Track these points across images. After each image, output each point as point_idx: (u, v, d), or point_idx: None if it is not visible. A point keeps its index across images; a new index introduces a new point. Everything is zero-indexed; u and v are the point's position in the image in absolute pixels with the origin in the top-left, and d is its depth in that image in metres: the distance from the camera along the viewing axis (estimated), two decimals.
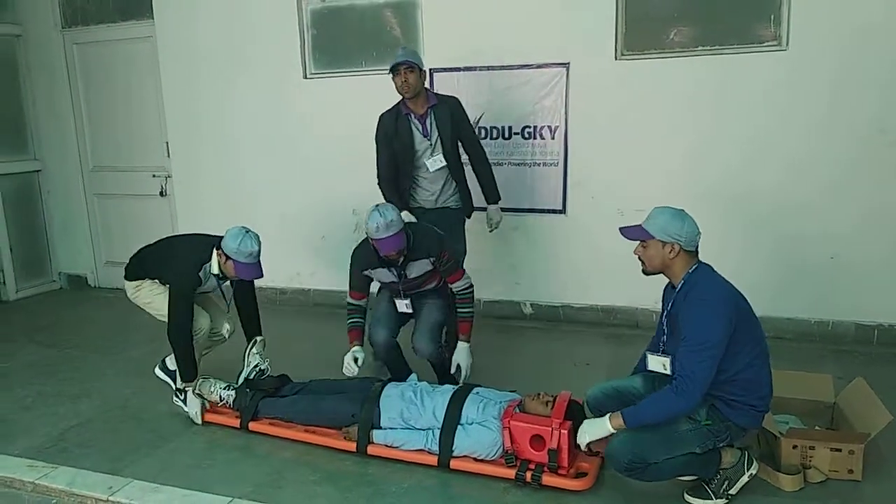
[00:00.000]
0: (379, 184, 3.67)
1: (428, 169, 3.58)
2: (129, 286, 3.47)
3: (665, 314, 2.53)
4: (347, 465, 2.81)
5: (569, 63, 4.20)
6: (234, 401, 3.20)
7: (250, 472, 2.78)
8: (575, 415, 2.70)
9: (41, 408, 3.47)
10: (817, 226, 3.90)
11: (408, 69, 3.43)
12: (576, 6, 4.12)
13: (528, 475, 2.58)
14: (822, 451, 2.55)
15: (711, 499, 2.46)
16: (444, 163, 3.56)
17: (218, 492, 2.63)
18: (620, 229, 2.52)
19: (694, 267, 2.43)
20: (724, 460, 2.48)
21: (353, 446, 2.86)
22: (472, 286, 3.32)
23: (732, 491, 2.46)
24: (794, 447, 2.57)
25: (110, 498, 2.64)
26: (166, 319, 3.19)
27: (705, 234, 4.16)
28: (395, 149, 3.56)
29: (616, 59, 4.12)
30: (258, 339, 3.42)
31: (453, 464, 2.70)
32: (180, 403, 3.30)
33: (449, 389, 2.92)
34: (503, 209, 3.97)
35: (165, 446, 3.03)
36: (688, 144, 4.07)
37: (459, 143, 3.70)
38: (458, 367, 3.31)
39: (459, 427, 2.74)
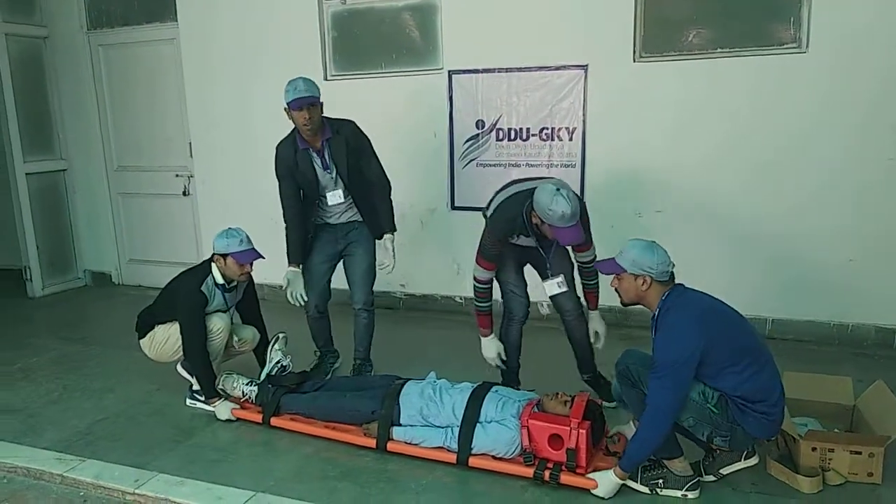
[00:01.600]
0: (286, 226, 3.49)
1: (328, 203, 3.46)
2: (144, 343, 3.47)
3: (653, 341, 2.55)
4: (367, 462, 2.85)
5: (587, 65, 4.22)
6: (256, 396, 3.26)
7: (272, 467, 2.83)
8: (594, 415, 2.72)
9: (67, 402, 3.55)
10: (837, 228, 3.89)
11: (311, 105, 3.23)
12: (595, 9, 4.13)
13: (547, 474, 2.60)
14: (842, 453, 2.55)
15: (637, 482, 2.55)
16: (342, 199, 3.44)
17: (241, 486, 2.68)
18: (595, 264, 2.58)
19: (666, 293, 2.46)
20: (677, 465, 2.51)
21: (373, 443, 2.89)
22: (595, 257, 3.12)
23: (659, 490, 2.52)
24: (814, 449, 2.57)
25: (136, 491, 2.69)
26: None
27: (725, 234, 4.16)
28: (300, 182, 3.42)
29: (634, 61, 4.13)
30: (281, 335, 3.48)
31: (472, 461, 2.73)
32: (199, 405, 3.38)
33: (468, 387, 2.95)
34: None
35: (189, 441, 3.09)
36: (707, 146, 4.07)
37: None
38: (597, 333, 3.26)
39: (478, 425, 2.76)
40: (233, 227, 3.30)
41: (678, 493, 2.50)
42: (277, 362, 3.38)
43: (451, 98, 4.58)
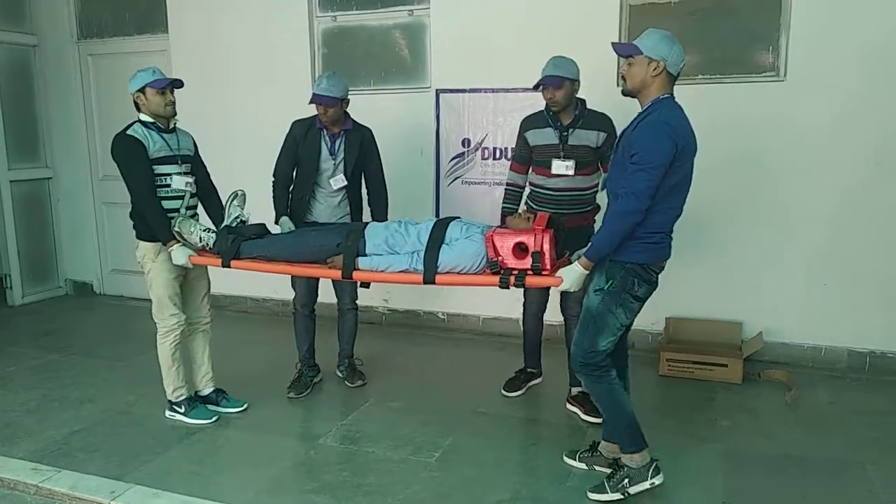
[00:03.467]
0: (273, 182, 3.64)
1: (331, 187, 3.56)
2: (142, 247, 3.36)
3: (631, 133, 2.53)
4: (345, 476, 2.85)
5: None
6: (214, 243, 3.15)
7: (250, 480, 2.83)
8: (557, 227, 2.75)
9: (45, 412, 3.53)
10: (811, 252, 3.98)
11: (325, 105, 3.42)
12: (580, 32, 4.22)
13: (512, 280, 2.63)
14: None
15: (607, 493, 2.57)
16: (346, 182, 3.55)
17: (218, 498, 2.67)
18: (613, 44, 2.63)
19: (665, 95, 2.45)
20: (635, 458, 2.57)
21: (338, 274, 2.88)
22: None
23: (630, 491, 2.57)
24: None
25: (112, 502, 2.68)
26: (156, 305, 3.31)
27: (704, 254, 4.23)
28: (299, 156, 3.56)
29: (618, 86, 4.20)
30: (239, 192, 3.37)
31: (438, 279, 2.75)
32: (179, 417, 3.38)
33: (432, 219, 2.98)
34: None
35: (167, 453, 3.08)
36: None
37: (362, 174, 3.68)
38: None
39: (444, 245, 2.79)
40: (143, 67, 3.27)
41: (647, 485, 2.56)
42: (237, 217, 3.26)
43: (438, 116, 4.64)
